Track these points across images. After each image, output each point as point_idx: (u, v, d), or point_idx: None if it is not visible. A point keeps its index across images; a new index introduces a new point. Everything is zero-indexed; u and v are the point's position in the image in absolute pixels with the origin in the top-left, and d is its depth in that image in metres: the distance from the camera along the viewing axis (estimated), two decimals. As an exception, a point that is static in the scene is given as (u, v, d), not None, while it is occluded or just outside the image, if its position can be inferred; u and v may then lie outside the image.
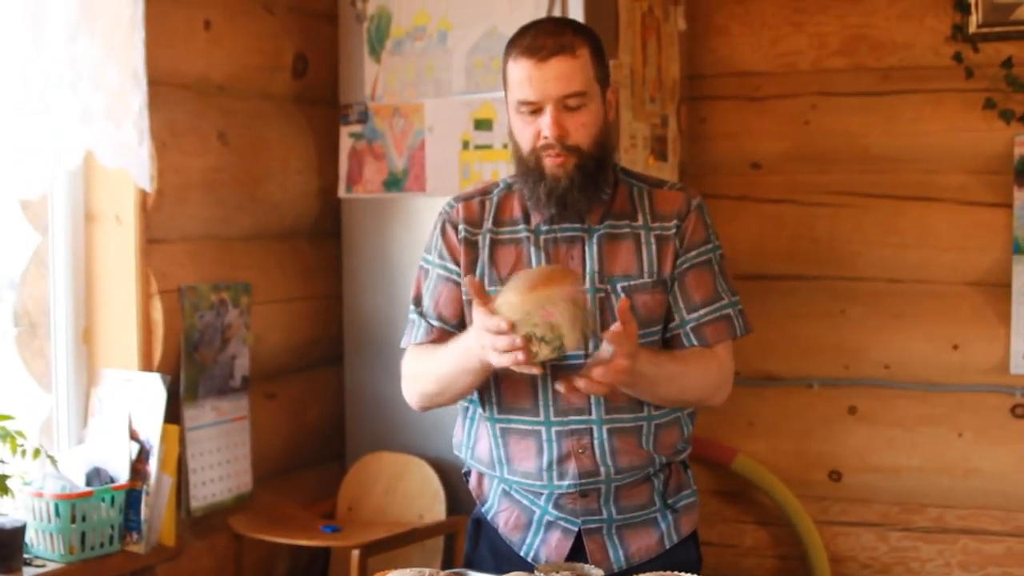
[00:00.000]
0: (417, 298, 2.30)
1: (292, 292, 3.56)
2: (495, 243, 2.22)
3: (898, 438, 4.01)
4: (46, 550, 2.78)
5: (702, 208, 2.24)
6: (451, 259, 2.24)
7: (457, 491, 3.29)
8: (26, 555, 2.76)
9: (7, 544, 2.69)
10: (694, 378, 2.18)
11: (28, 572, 2.72)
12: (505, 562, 2.23)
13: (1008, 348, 3.85)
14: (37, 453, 2.79)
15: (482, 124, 3.38)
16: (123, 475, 2.91)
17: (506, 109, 2.19)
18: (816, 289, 4.08)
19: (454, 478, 3.26)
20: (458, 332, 2.22)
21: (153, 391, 2.94)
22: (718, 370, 2.20)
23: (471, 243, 2.23)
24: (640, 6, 3.63)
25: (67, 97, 2.69)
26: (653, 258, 2.19)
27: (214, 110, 3.26)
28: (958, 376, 3.94)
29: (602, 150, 2.16)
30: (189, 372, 3.12)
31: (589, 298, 1.96)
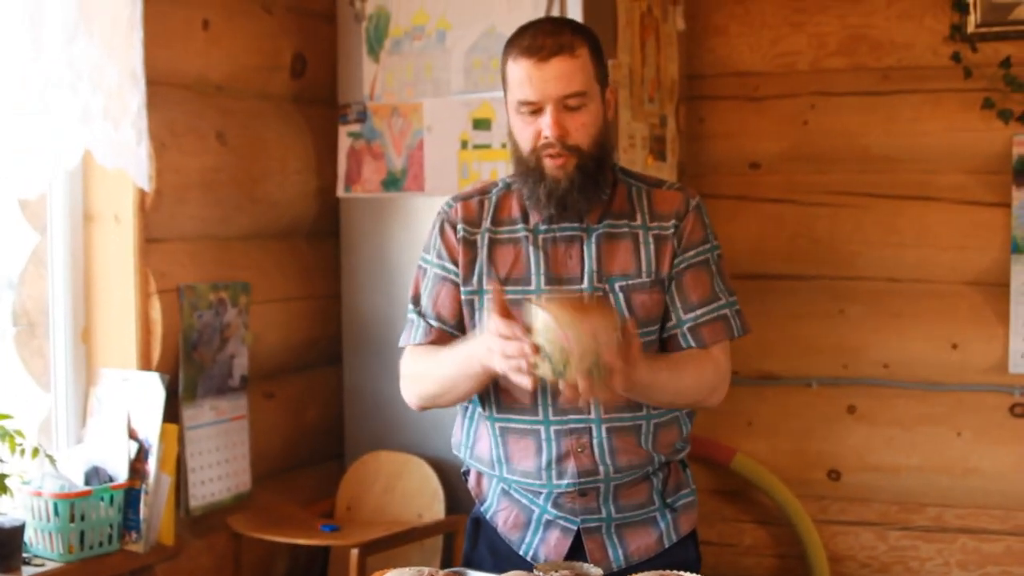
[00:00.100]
0: (416, 297, 2.29)
1: (291, 292, 3.56)
2: (493, 243, 2.22)
3: (897, 437, 4.02)
4: (45, 549, 2.78)
5: (700, 208, 2.24)
6: (449, 259, 2.24)
7: (456, 490, 3.29)
8: (25, 554, 2.77)
9: (6, 543, 2.69)
10: (690, 382, 2.17)
11: (27, 571, 2.72)
12: (504, 561, 2.23)
13: (1007, 347, 3.85)
14: (36, 452, 2.79)
15: (481, 124, 3.38)
16: (122, 474, 2.91)
17: (505, 109, 2.19)
18: (815, 289, 4.08)
19: (453, 477, 3.26)
20: (456, 332, 2.23)
21: (152, 390, 2.94)
22: (714, 372, 2.19)
23: (469, 243, 2.23)
24: (639, 6, 3.63)
25: (66, 97, 2.69)
26: (651, 258, 2.19)
27: (213, 110, 3.26)
28: (957, 375, 3.94)
29: (602, 150, 2.16)
30: (188, 371, 3.12)
31: (613, 341, 1.92)
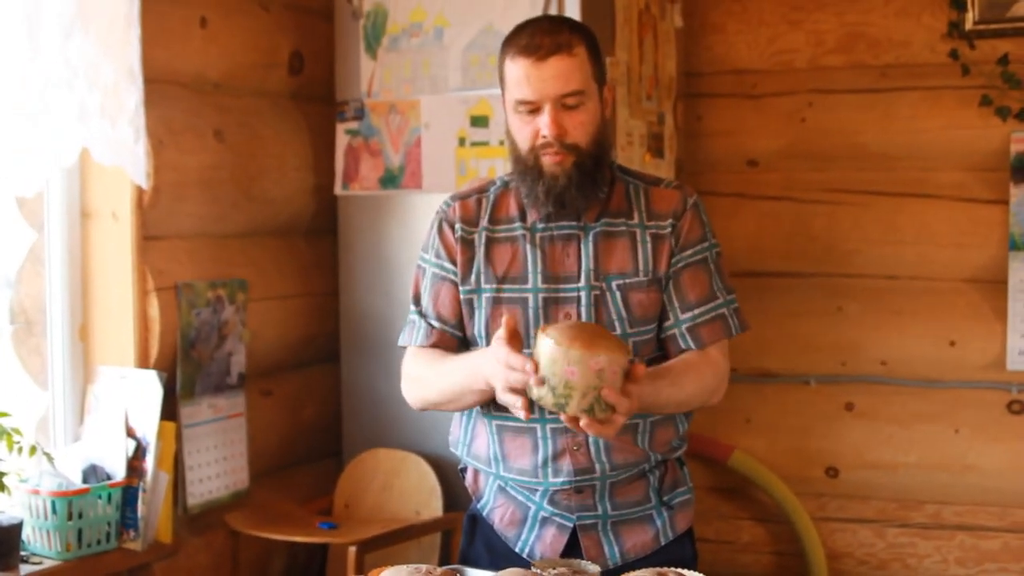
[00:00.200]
0: (416, 297, 2.29)
1: (288, 289, 3.56)
2: (491, 241, 2.22)
3: (895, 434, 4.02)
4: (43, 547, 2.78)
5: (698, 206, 2.23)
6: (448, 258, 2.24)
7: (454, 488, 3.29)
8: (23, 552, 2.76)
9: (4, 541, 2.68)
10: (692, 391, 2.16)
11: (25, 569, 2.72)
12: (501, 558, 2.23)
13: (1004, 344, 3.85)
14: (33, 450, 2.78)
15: (478, 121, 3.38)
16: (120, 472, 2.91)
17: (502, 107, 2.19)
18: (813, 286, 4.08)
19: (451, 475, 3.26)
20: (457, 332, 2.23)
21: (149, 388, 2.94)
22: (713, 375, 2.19)
23: (467, 242, 2.23)
24: (637, 3, 3.62)
25: (63, 95, 2.68)
26: (648, 256, 2.18)
27: (210, 108, 3.25)
28: (955, 372, 3.94)
29: (600, 148, 2.16)
30: (185, 369, 3.12)
31: (619, 380, 1.90)
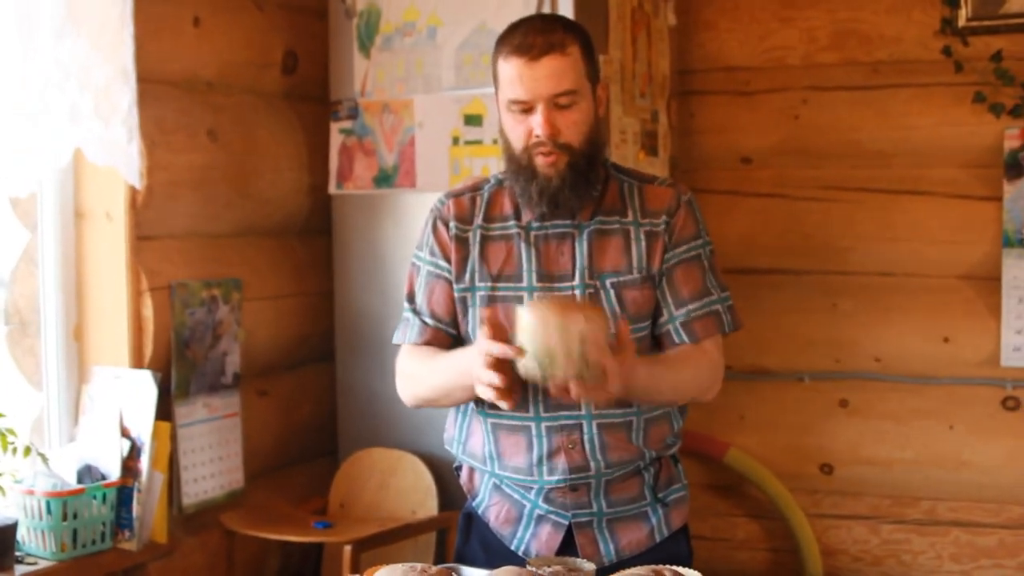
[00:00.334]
0: (411, 295, 2.30)
1: (283, 289, 3.56)
2: (486, 239, 2.23)
3: (890, 431, 4.02)
4: (38, 548, 2.78)
5: (692, 204, 2.24)
6: (442, 256, 2.24)
7: (449, 486, 3.29)
8: (18, 553, 2.76)
9: (-2, 542, 2.69)
10: (687, 381, 2.18)
11: (20, 570, 2.72)
12: (496, 556, 2.23)
13: (998, 341, 3.86)
14: (28, 451, 2.78)
15: (472, 120, 3.38)
16: (114, 472, 2.91)
17: (496, 106, 2.19)
18: (807, 283, 4.09)
19: (446, 473, 3.26)
20: (452, 330, 2.24)
21: (144, 388, 2.94)
22: (709, 368, 2.20)
23: (462, 240, 2.23)
24: (630, 1, 3.63)
25: (55, 96, 2.68)
26: (642, 254, 2.19)
27: (203, 107, 3.25)
28: (949, 369, 3.95)
29: (593, 147, 2.16)
30: (180, 369, 3.12)
31: (603, 342, 1.90)
